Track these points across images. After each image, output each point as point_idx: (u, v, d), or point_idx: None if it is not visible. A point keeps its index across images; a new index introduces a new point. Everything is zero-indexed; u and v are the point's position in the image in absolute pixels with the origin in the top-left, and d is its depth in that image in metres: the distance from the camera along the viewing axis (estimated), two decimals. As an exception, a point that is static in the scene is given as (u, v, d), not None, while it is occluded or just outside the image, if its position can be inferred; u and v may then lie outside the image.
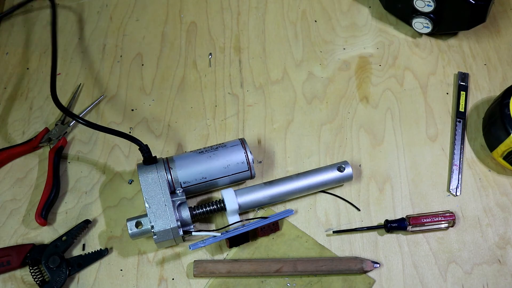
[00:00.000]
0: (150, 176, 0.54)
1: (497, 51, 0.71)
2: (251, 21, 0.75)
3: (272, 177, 0.61)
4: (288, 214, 0.57)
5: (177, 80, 0.69)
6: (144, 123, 0.66)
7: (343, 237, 0.57)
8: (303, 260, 0.55)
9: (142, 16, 0.76)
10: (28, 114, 0.66)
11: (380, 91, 0.68)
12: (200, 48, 0.72)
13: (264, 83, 0.69)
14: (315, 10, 0.76)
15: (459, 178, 0.61)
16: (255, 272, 0.54)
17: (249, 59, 0.71)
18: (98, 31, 0.74)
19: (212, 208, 0.56)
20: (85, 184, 0.61)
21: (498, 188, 0.61)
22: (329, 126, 0.65)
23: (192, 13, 0.76)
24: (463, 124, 0.65)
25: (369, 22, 0.74)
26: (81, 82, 0.69)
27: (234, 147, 0.57)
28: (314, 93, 0.68)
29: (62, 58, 0.71)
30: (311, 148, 0.64)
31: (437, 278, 0.55)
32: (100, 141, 0.64)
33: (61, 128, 0.64)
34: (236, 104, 0.67)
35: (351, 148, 0.63)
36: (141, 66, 0.71)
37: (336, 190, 0.60)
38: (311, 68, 0.70)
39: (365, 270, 0.54)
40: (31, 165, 0.62)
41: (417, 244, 0.57)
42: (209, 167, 0.56)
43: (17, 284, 0.55)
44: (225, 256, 0.56)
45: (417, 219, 0.57)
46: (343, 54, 0.71)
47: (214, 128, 0.65)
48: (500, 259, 0.56)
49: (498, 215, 0.59)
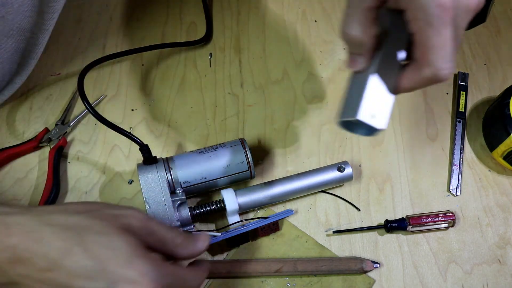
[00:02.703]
0: (150, 176, 0.54)
1: (497, 51, 0.72)
2: (251, 21, 0.75)
3: (272, 177, 0.61)
4: (288, 214, 0.57)
5: (177, 80, 0.69)
6: (144, 123, 0.66)
7: (343, 237, 0.57)
8: (303, 260, 0.55)
9: (142, 16, 0.76)
10: (28, 114, 0.66)
11: (380, 91, 0.68)
12: (200, 48, 0.72)
13: (264, 83, 0.69)
14: (315, 10, 0.76)
15: (459, 178, 0.61)
16: (255, 272, 0.54)
17: (249, 59, 0.71)
18: (98, 31, 0.74)
19: (212, 208, 0.56)
20: (85, 184, 0.61)
21: (498, 188, 0.61)
22: (329, 126, 0.65)
23: (192, 13, 0.76)
24: (463, 124, 0.65)
25: (369, 22, 0.74)
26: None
27: (234, 147, 0.57)
28: (314, 93, 0.68)
29: (62, 58, 0.71)
30: (311, 148, 0.64)
31: (437, 278, 0.55)
32: (100, 141, 0.64)
33: (61, 128, 0.64)
34: (236, 104, 0.67)
35: (351, 148, 0.63)
36: (141, 66, 0.71)
37: (336, 190, 0.60)
38: (311, 68, 0.70)
39: (365, 270, 0.54)
40: (31, 165, 0.62)
41: (417, 244, 0.57)
42: (209, 167, 0.56)
43: (17, 284, 0.55)
44: (225, 256, 0.56)
45: (417, 219, 0.57)
46: (343, 54, 0.71)
47: (214, 128, 0.65)
48: (500, 259, 0.56)
49: (498, 215, 0.59)
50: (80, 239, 0.37)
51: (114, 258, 0.36)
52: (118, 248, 0.37)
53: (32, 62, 0.62)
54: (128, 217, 0.40)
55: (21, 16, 0.55)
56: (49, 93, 0.68)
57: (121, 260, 0.36)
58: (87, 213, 0.39)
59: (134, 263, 0.36)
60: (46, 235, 0.36)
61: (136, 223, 0.40)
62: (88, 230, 0.37)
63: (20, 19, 0.56)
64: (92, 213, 0.39)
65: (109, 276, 0.36)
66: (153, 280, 0.36)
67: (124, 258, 0.36)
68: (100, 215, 0.39)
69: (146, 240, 0.40)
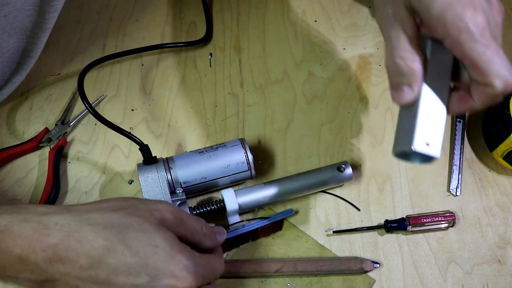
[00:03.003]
0: (150, 176, 0.54)
1: (497, 51, 0.71)
2: (251, 21, 0.75)
3: (272, 177, 0.61)
4: (288, 214, 0.57)
5: (177, 80, 0.69)
6: (144, 123, 0.66)
7: (343, 237, 0.57)
8: (303, 260, 0.55)
9: (142, 16, 0.76)
10: (28, 114, 0.66)
11: (380, 91, 0.68)
12: (200, 48, 0.72)
13: (264, 83, 0.69)
14: (315, 10, 0.76)
15: (459, 178, 0.61)
16: (255, 272, 0.54)
17: (249, 59, 0.71)
18: (98, 31, 0.74)
19: (212, 208, 0.56)
20: (85, 184, 0.61)
21: (498, 188, 0.61)
22: (329, 126, 0.65)
23: (192, 13, 0.76)
24: (463, 124, 0.65)
25: (369, 22, 0.75)
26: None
27: (234, 147, 0.57)
28: (314, 93, 0.68)
29: (62, 58, 0.71)
30: (311, 148, 0.64)
31: (437, 278, 0.55)
32: (100, 141, 0.64)
33: (61, 128, 0.64)
34: (236, 104, 0.67)
35: (351, 148, 0.63)
36: (141, 66, 0.71)
37: (336, 190, 0.60)
38: (311, 68, 0.70)
39: (365, 270, 0.54)
40: (31, 165, 0.62)
41: (417, 244, 0.57)
42: (209, 167, 0.56)
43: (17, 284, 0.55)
44: (225, 256, 0.56)
45: (417, 219, 0.57)
46: (343, 54, 0.71)
47: (214, 128, 0.65)
48: (500, 259, 0.56)
49: (498, 215, 0.59)
50: (122, 237, 0.39)
51: (155, 254, 0.39)
52: (158, 244, 0.39)
53: (31, 62, 0.62)
54: (161, 210, 0.42)
55: (23, 15, 0.55)
56: (49, 93, 0.68)
57: (161, 256, 0.39)
58: (123, 210, 0.41)
59: (174, 258, 0.39)
60: (88, 234, 0.38)
61: (169, 216, 0.42)
62: (128, 227, 0.39)
63: (22, 18, 0.56)
64: (128, 210, 0.41)
65: (151, 272, 0.38)
66: (192, 273, 0.39)
67: (164, 253, 0.39)
68: (136, 212, 0.41)
69: (178, 232, 0.42)
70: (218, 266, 0.44)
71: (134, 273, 0.38)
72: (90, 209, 0.41)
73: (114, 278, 0.38)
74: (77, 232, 0.39)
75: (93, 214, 0.40)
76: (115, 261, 0.38)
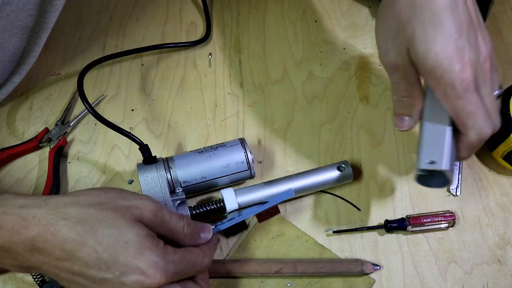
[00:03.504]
0: (150, 176, 0.54)
1: (497, 51, 0.71)
2: (251, 21, 0.75)
3: (272, 177, 0.61)
4: (289, 195, 0.53)
5: (177, 80, 0.69)
6: (144, 123, 0.66)
7: (343, 237, 0.57)
8: (303, 262, 0.55)
9: (142, 16, 0.76)
10: (28, 114, 0.66)
11: (380, 91, 0.68)
12: (200, 48, 0.72)
13: (264, 83, 0.69)
14: (315, 10, 0.76)
15: (459, 178, 0.61)
16: (255, 273, 0.54)
17: (249, 59, 0.71)
18: (98, 31, 0.74)
19: (211, 207, 0.56)
20: (85, 184, 0.61)
21: (498, 188, 0.61)
22: (329, 126, 0.65)
23: (192, 13, 0.76)
24: (463, 124, 0.65)
25: (369, 22, 0.75)
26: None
27: (234, 147, 0.57)
28: (314, 93, 0.68)
29: (62, 58, 0.71)
30: (311, 148, 0.64)
31: (437, 278, 0.55)
32: (100, 141, 0.64)
33: (61, 128, 0.64)
34: (236, 104, 0.67)
35: (351, 148, 0.63)
36: (141, 66, 0.71)
37: (336, 190, 0.60)
38: (311, 68, 0.70)
39: (365, 272, 0.54)
40: (31, 165, 0.62)
41: (417, 244, 0.57)
42: (209, 166, 0.56)
43: (17, 284, 0.55)
44: (225, 256, 0.56)
45: (417, 219, 0.57)
46: (343, 54, 0.71)
47: (214, 128, 0.65)
48: (500, 259, 0.56)
49: (498, 215, 0.59)
50: (94, 232, 0.40)
51: (125, 250, 0.40)
52: (129, 241, 0.40)
53: (31, 61, 0.63)
54: (141, 208, 0.42)
55: (24, 14, 0.56)
56: (49, 93, 0.68)
57: (131, 252, 0.40)
58: (100, 205, 0.42)
59: (142, 255, 0.40)
60: (62, 228, 0.40)
61: (149, 215, 0.42)
62: (101, 223, 0.40)
63: (23, 17, 0.56)
64: (105, 205, 0.42)
65: (119, 267, 0.39)
66: (160, 270, 0.40)
67: (133, 250, 0.40)
68: (113, 207, 0.42)
69: (157, 230, 0.42)
70: (199, 260, 0.44)
71: (105, 268, 0.39)
72: (67, 202, 0.42)
73: (86, 271, 0.40)
74: (53, 226, 0.40)
75: (69, 208, 0.41)
76: (87, 255, 0.39)
